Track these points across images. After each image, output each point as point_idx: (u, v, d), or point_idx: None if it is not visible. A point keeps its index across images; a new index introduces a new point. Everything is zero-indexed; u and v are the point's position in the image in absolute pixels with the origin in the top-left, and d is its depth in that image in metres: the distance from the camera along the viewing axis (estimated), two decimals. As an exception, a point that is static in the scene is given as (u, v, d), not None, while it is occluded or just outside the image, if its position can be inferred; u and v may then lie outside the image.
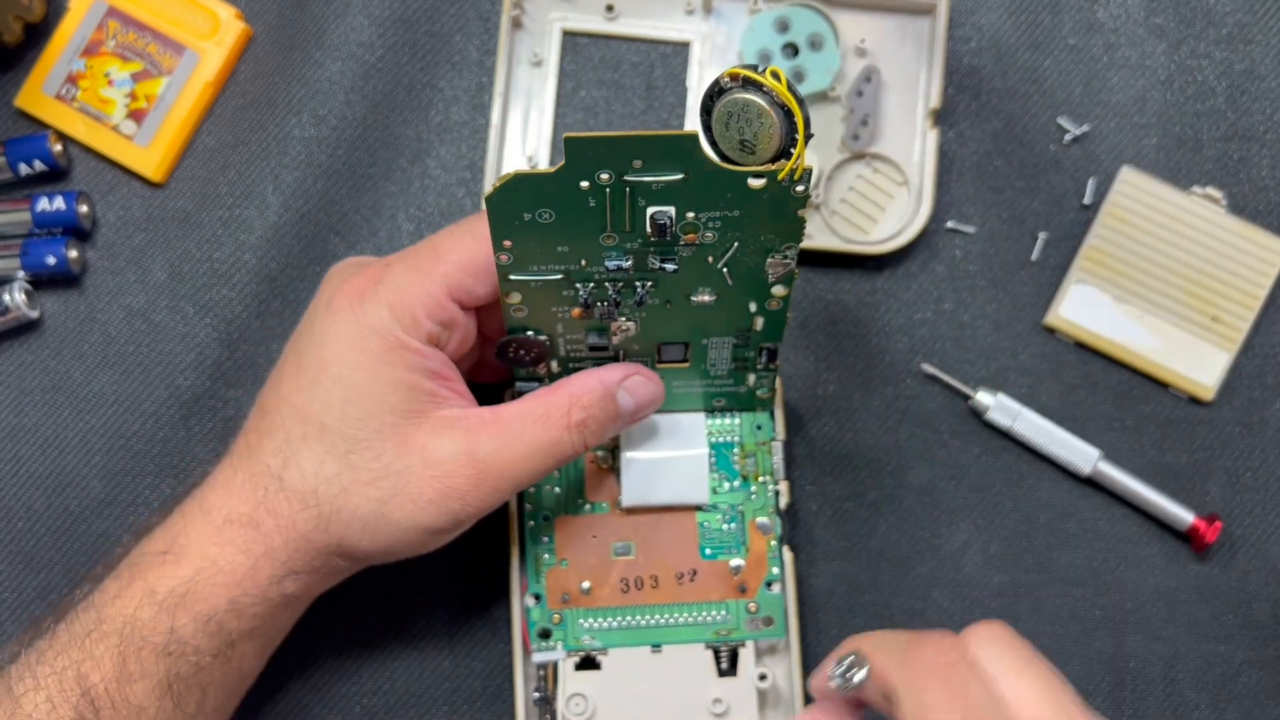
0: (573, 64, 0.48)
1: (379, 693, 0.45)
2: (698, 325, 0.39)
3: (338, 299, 0.38)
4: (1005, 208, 0.48)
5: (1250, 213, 0.47)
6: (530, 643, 0.42)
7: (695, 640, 0.42)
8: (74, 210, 0.46)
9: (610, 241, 0.36)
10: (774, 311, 0.39)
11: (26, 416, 0.47)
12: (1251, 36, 0.48)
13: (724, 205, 0.35)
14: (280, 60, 0.48)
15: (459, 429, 0.37)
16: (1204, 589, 0.46)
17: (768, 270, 0.37)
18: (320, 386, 0.37)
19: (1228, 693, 0.45)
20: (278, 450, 0.37)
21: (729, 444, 0.44)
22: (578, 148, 0.33)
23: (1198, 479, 0.46)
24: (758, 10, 0.47)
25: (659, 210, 0.35)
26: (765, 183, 0.34)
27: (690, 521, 0.43)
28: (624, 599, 0.42)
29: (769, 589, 0.43)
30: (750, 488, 0.43)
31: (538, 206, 0.34)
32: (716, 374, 0.42)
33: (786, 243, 0.36)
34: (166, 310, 0.47)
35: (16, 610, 0.45)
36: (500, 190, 0.34)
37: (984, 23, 0.49)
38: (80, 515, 0.46)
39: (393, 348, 0.37)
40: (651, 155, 0.33)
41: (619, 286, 0.37)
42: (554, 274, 0.37)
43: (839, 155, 0.47)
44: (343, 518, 0.37)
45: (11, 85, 0.48)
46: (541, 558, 0.42)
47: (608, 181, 0.34)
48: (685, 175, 0.34)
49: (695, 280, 0.37)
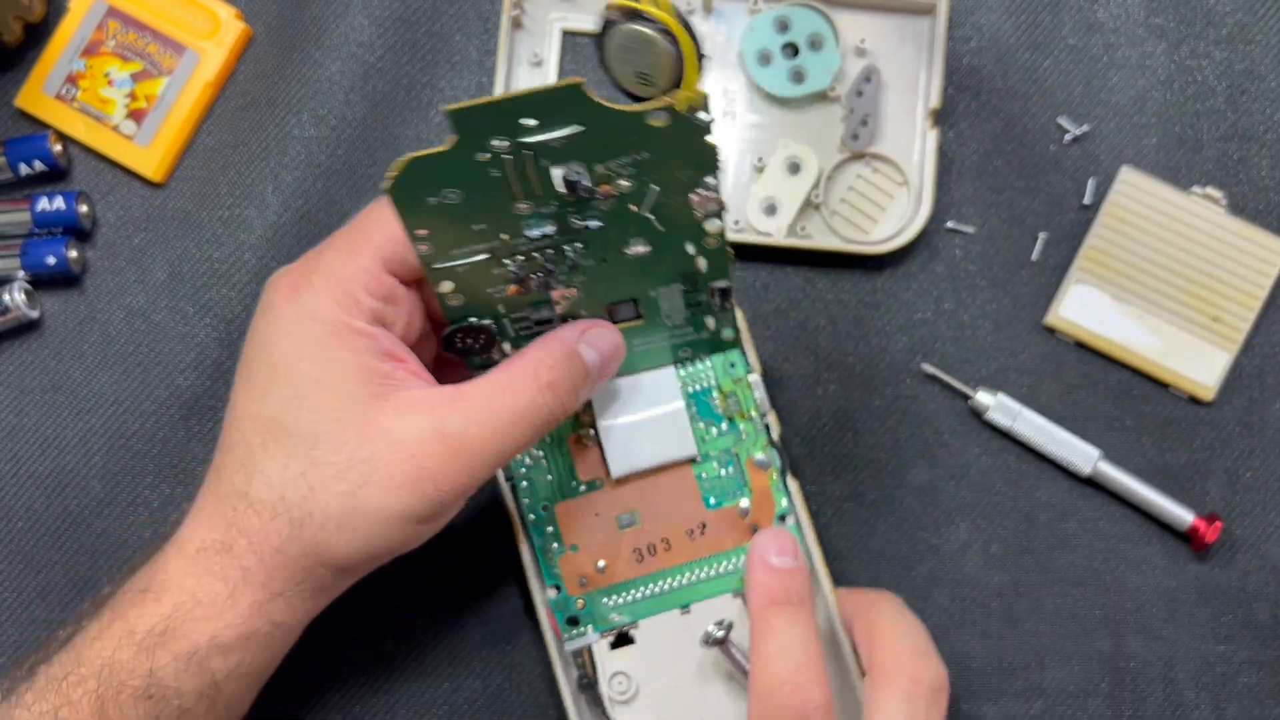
0: (573, 64, 0.48)
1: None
2: (641, 278, 0.38)
3: (273, 296, 0.36)
4: (1005, 208, 0.48)
5: (1250, 213, 0.47)
6: (561, 633, 0.41)
7: (721, 592, 0.42)
8: (74, 210, 0.46)
9: (525, 210, 0.35)
10: (714, 250, 0.38)
11: (26, 416, 0.47)
12: (1251, 36, 0.48)
13: (630, 149, 0.34)
14: (280, 60, 0.48)
15: (422, 408, 0.35)
16: (1204, 589, 0.46)
17: (694, 208, 0.36)
18: (273, 388, 0.36)
19: (1228, 693, 0.45)
20: (240, 465, 0.36)
21: (705, 390, 0.42)
22: (463, 118, 0.31)
23: (1198, 479, 0.46)
24: (758, 10, 0.47)
25: (566, 168, 0.33)
26: (667, 118, 0.33)
27: (687, 476, 0.42)
28: (641, 568, 0.41)
29: (781, 523, 0.42)
30: (739, 427, 0.42)
31: (441, 187, 0.33)
32: (674, 324, 0.40)
33: (704, 175, 0.35)
34: (166, 310, 0.47)
35: (16, 610, 0.46)
36: (398, 178, 0.33)
37: (984, 23, 0.49)
38: (80, 515, 0.46)
39: (337, 332, 0.35)
40: (540, 112, 0.32)
41: (549, 254, 0.36)
42: (478, 255, 0.36)
43: (839, 155, 0.47)
44: (314, 520, 0.35)
45: (11, 85, 0.48)
46: (550, 548, 0.42)
47: (503, 149, 0.32)
48: (582, 127, 0.33)
49: (625, 233, 0.36)
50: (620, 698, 0.41)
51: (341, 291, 0.36)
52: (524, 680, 0.45)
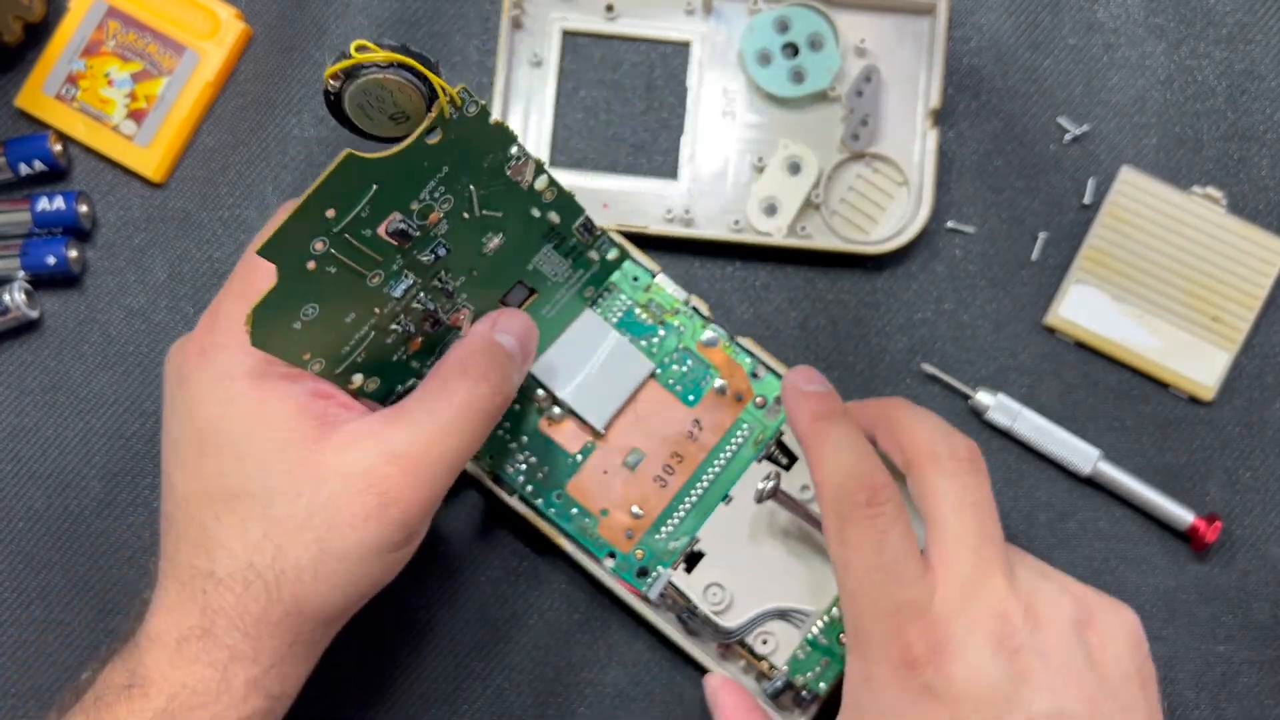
0: (573, 64, 0.48)
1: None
2: (513, 263, 0.39)
3: (183, 368, 0.36)
4: (1005, 208, 0.48)
5: (1250, 213, 0.47)
6: (639, 590, 0.42)
7: (746, 467, 0.43)
8: (74, 210, 0.46)
9: (379, 280, 0.35)
10: (554, 200, 0.39)
11: (27, 416, 0.47)
12: (1251, 36, 0.48)
13: (429, 175, 0.34)
14: (280, 60, 0.48)
15: (366, 435, 0.35)
16: (1204, 589, 0.46)
17: (515, 180, 0.37)
18: (210, 459, 0.34)
19: (1228, 693, 0.45)
20: (198, 546, 0.35)
21: (627, 312, 0.44)
22: (272, 248, 0.32)
23: (1198, 479, 0.46)
24: (758, 10, 0.47)
25: (385, 223, 0.34)
26: (440, 131, 0.33)
27: (657, 390, 0.44)
28: (669, 491, 0.43)
29: (755, 378, 0.44)
30: (674, 324, 0.44)
31: (299, 308, 0.34)
32: (565, 278, 0.42)
33: (505, 150, 0.36)
34: (166, 310, 0.47)
35: (16, 610, 0.46)
36: (256, 328, 0.33)
37: (984, 23, 0.49)
38: (80, 515, 0.46)
39: (258, 384, 0.35)
40: (333, 199, 0.32)
41: (424, 299, 0.37)
42: (365, 339, 0.36)
43: (839, 155, 0.47)
44: (289, 576, 0.34)
45: (11, 85, 0.48)
46: (584, 524, 0.43)
47: (325, 248, 0.33)
48: (376, 186, 0.33)
49: (475, 239, 0.37)
50: (722, 607, 0.42)
51: (249, 342, 0.34)
52: (524, 680, 0.45)
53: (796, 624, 0.42)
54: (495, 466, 0.43)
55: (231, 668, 0.34)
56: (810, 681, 0.42)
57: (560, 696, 0.45)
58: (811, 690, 0.42)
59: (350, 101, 0.32)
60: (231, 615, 0.34)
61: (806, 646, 0.42)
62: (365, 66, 0.31)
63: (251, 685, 0.34)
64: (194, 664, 0.34)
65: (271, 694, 0.35)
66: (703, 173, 0.47)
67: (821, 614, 0.42)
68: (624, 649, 0.45)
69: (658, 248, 0.47)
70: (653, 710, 0.45)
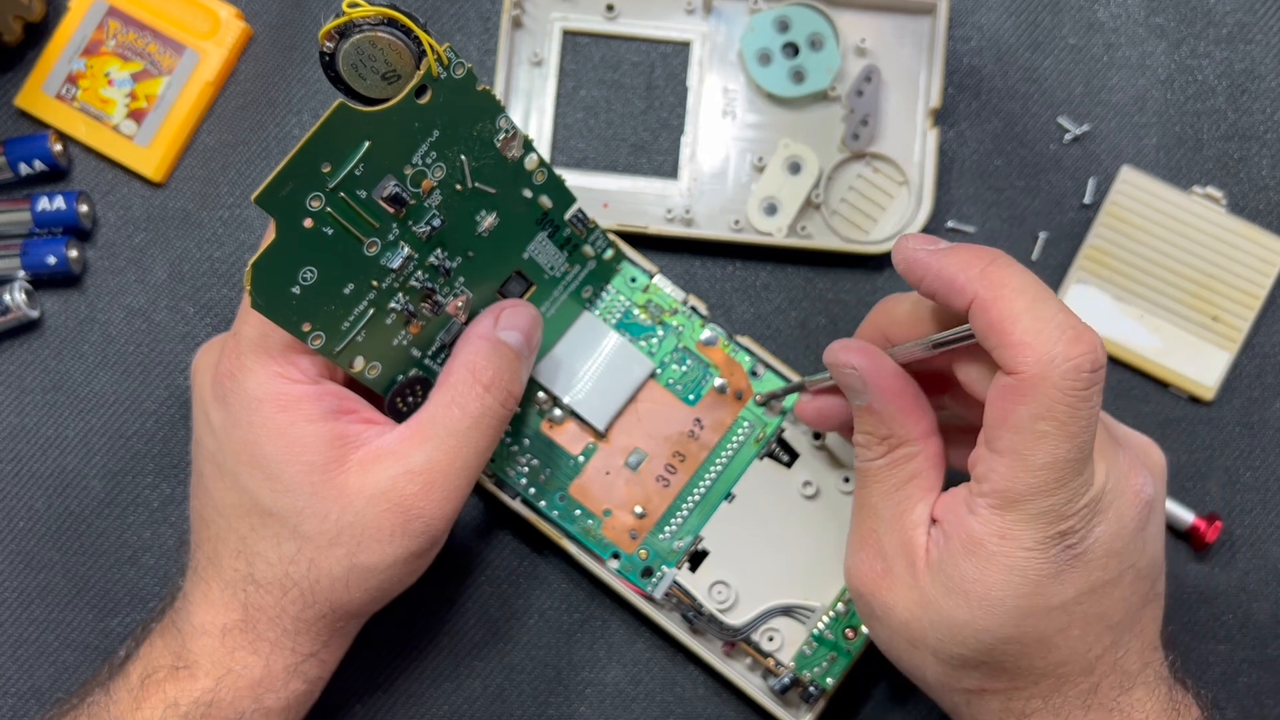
0: (573, 64, 0.48)
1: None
2: (508, 248, 0.40)
3: (216, 389, 0.37)
4: (1005, 207, 0.48)
5: (1250, 213, 0.47)
6: (644, 590, 0.43)
7: (747, 465, 0.43)
8: (74, 210, 0.46)
9: (375, 249, 0.36)
10: (546, 183, 0.39)
11: (27, 416, 0.47)
12: (1251, 36, 0.48)
13: (422, 137, 0.34)
14: (280, 60, 0.48)
15: (385, 455, 0.37)
16: (1204, 589, 0.46)
17: (505, 155, 0.37)
18: (243, 477, 0.36)
19: (1228, 693, 0.45)
20: (238, 553, 0.37)
21: (626, 313, 0.44)
22: (267, 196, 0.32)
23: (1198, 479, 0.46)
24: (758, 10, 0.47)
25: (379, 187, 0.34)
26: (430, 90, 0.34)
27: (657, 390, 0.44)
28: (671, 490, 0.43)
29: (755, 376, 0.44)
30: (672, 324, 0.44)
31: (295, 272, 0.34)
32: (561, 272, 0.42)
33: (494, 119, 0.36)
34: (166, 310, 0.47)
35: (16, 610, 0.45)
36: (255, 287, 0.33)
37: (984, 23, 0.49)
38: (80, 515, 0.46)
39: (285, 407, 0.36)
40: (327, 150, 0.33)
41: (421, 277, 0.37)
42: (364, 315, 0.37)
43: (839, 155, 0.47)
44: (324, 585, 0.37)
45: (11, 85, 0.48)
46: (587, 525, 0.43)
47: (321, 205, 0.33)
48: (368, 141, 0.33)
49: (469, 214, 0.37)
50: (727, 605, 0.42)
51: (274, 363, 0.36)
52: (524, 680, 0.45)
53: (802, 620, 0.42)
54: (498, 470, 0.43)
55: (273, 656, 0.37)
56: (817, 677, 0.42)
57: (560, 696, 0.45)
58: (818, 686, 0.42)
59: (344, 61, 0.32)
60: (272, 614, 0.37)
61: (812, 642, 0.42)
62: (357, 24, 0.32)
63: (291, 671, 0.38)
64: (238, 651, 0.37)
65: (309, 678, 0.38)
66: (703, 172, 0.47)
67: (826, 609, 0.42)
68: (624, 648, 0.45)
69: (658, 247, 0.47)
70: (653, 710, 0.45)
